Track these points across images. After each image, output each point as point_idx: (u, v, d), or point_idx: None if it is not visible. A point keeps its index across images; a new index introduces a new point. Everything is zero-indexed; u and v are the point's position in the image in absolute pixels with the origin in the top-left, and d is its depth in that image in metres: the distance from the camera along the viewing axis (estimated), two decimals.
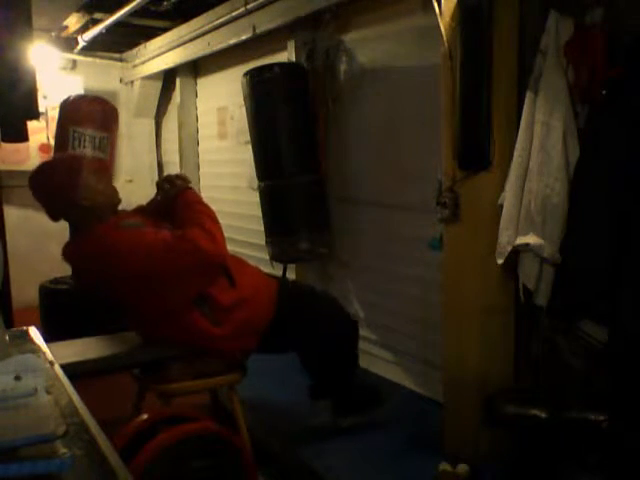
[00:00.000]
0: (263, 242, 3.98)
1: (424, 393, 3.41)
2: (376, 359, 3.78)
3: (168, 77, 6.08)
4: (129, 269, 2.32)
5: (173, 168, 6.24)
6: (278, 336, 2.61)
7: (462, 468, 2.51)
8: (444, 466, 2.52)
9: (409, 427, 3.04)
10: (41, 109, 5.04)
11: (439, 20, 2.58)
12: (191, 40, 4.85)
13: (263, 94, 3.69)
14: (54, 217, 2.50)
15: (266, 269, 3.12)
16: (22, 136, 2.18)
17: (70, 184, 2.38)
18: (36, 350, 1.50)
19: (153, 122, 6.46)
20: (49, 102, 5.18)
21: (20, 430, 0.94)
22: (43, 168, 2.50)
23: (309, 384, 2.88)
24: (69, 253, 2.47)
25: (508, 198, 2.43)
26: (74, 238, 2.53)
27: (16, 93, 1.91)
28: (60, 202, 2.42)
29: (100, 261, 2.36)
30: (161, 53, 5.39)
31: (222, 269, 2.49)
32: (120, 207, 2.60)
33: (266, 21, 3.95)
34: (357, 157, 3.89)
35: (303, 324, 2.68)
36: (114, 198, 2.53)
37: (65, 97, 4.35)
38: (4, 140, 2.15)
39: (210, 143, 5.74)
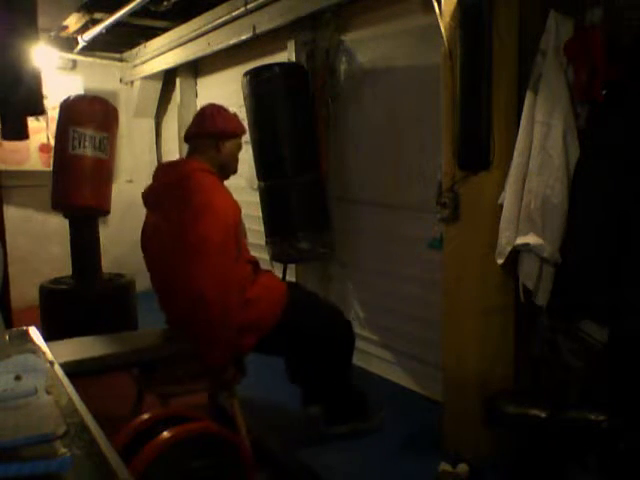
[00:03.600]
0: (263, 242, 3.98)
1: (424, 393, 3.41)
2: (376, 359, 3.78)
3: (168, 77, 6.07)
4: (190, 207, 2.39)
5: None
6: (279, 338, 2.61)
7: (462, 468, 2.51)
8: (444, 466, 2.52)
9: (409, 427, 3.04)
10: None
11: (439, 20, 2.58)
12: (191, 40, 4.84)
13: (263, 94, 3.69)
14: (191, 138, 2.70)
15: (270, 270, 3.12)
16: (23, 134, 2.17)
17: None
18: (36, 350, 1.50)
19: (153, 122, 6.45)
20: (49, 102, 5.16)
21: (20, 430, 0.94)
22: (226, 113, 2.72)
23: (301, 390, 2.89)
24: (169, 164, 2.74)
25: (508, 198, 2.43)
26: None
27: (19, 90, 1.91)
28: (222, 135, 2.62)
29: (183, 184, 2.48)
30: (161, 53, 5.39)
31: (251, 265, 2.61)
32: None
33: (266, 21, 3.94)
34: (357, 157, 3.89)
35: (305, 329, 2.69)
36: (234, 168, 2.74)
37: (65, 97, 4.35)
38: (5, 138, 2.15)
39: None
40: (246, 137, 4.12)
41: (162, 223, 2.51)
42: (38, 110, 2.03)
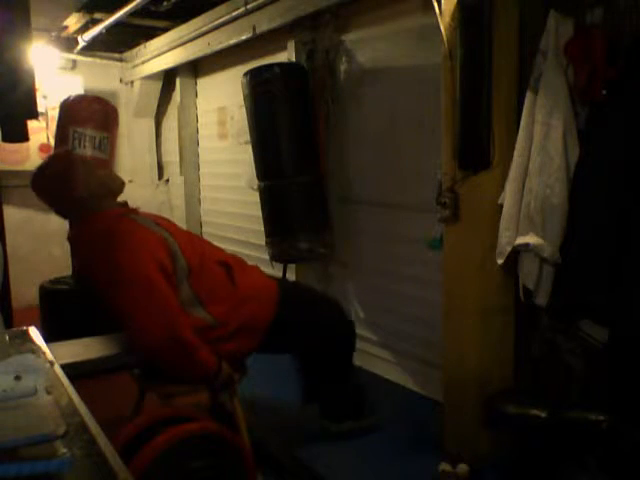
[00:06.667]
0: (263, 242, 3.98)
1: (424, 393, 3.41)
2: (376, 359, 3.78)
3: (168, 77, 6.08)
4: (109, 259, 2.26)
5: (173, 168, 6.24)
6: (278, 336, 2.61)
7: (462, 468, 2.51)
8: (444, 466, 2.53)
9: (409, 427, 3.04)
10: (41, 109, 5.07)
11: (439, 20, 2.57)
12: (191, 40, 4.85)
13: (263, 94, 3.69)
14: (60, 213, 2.50)
15: (266, 269, 3.12)
16: (23, 136, 2.17)
17: (63, 177, 2.40)
18: (36, 350, 1.50)
19: (153, 122, 6.46)
20: (49, 102, 5.18)
21: (20, 430, 0.94)
22: (40, 167, 2.51)
23: (302, 386, 2.88)
24: (71, 237, 2.48)
25: (508, 198, 2.43)
26: (76, 225, 2.49)
27: (16, 93, 1.90)
28: (58, 196, 2.43)
29: (93, 245, 2.34)
30: (161, 53, 5.39)
31: (225, 267, 2.49)
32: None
33: (266, 21, 3.94)
34: (357, 157, 3.89)
35: (303, 325, 2.68)
36: (112, 186, 2.51)
37: (65, 97, 4.35)
38: (5, 140, 2.14)
39: (210, 143, 5.74)
40: (246, 137, 4.15)
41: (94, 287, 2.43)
42: (34, 114, 2.03)
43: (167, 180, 6.42)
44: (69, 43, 5.43)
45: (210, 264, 2.48)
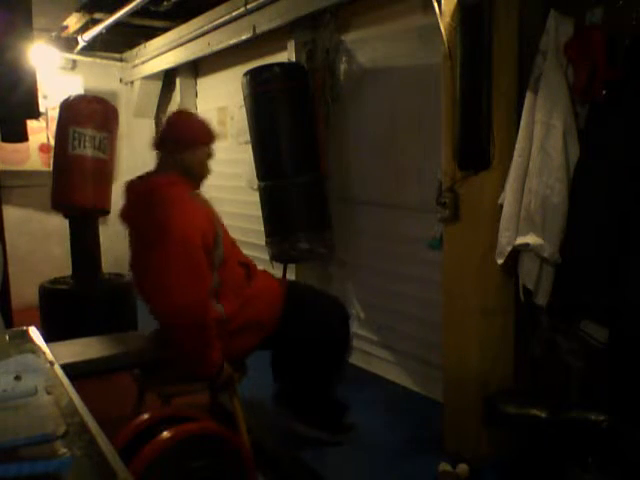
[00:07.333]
0: (263, 242, 3.98)
1: (424, 393, 3.41)
2: (376, 359, 3.78)
3: (168, 77, 6.08)
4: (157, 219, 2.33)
5: None
6: (279, 337, 2.61)
7: (462, 468, 2.51)
8: (444, 466, 2.52)
9: (409, 427, 3.04)
10: (41, 109, 5.06)
11: (439, 20, 2.58)
12: (191, 40, 4.85)
13: (263, 94, 3.69)
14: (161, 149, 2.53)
15: (266, 269, 3.11)
16: (22, 136, 2.17)
17: (194, 139, 2.47)
18: (36, 350, 1.50)
19: (153, 122, 6.45)
20: (49, 102, 5.18)
21: (20, 430, 0.94)
22: (195, 118, 2.62)
23: (279, 388, 2.89)
24: (133, 184, 2.53)
25: (508, 198, 2.43)
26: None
27: (16, 93, 1.91)
28: (176, 147, 2.45)
29: (150, 197, 2.39)
30: (161, 53, 5.39)
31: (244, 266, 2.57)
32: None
33: (266, 21, 3.95)
34: (357, 157, 3.89)
35: (304, 326, 2.68)
36: (203, 176, 2.56)
37: (65, 97, 4.35)
38: (4, 140, 2.14)
39: None
40: (246, 137, 4.15)
41: (134, 242, 2.52)
42: (35, 113, 2.03)
43: None
44: (69, 43, 5.43)
45: (232, 262, 2.53)
